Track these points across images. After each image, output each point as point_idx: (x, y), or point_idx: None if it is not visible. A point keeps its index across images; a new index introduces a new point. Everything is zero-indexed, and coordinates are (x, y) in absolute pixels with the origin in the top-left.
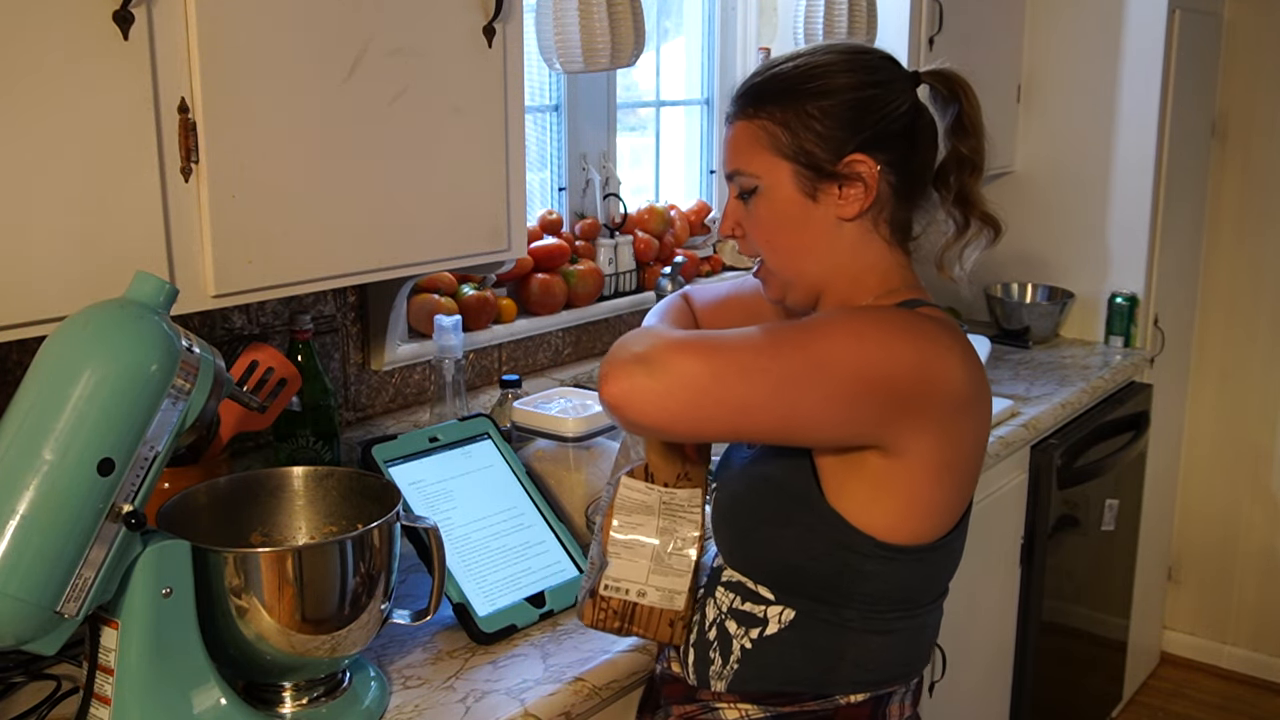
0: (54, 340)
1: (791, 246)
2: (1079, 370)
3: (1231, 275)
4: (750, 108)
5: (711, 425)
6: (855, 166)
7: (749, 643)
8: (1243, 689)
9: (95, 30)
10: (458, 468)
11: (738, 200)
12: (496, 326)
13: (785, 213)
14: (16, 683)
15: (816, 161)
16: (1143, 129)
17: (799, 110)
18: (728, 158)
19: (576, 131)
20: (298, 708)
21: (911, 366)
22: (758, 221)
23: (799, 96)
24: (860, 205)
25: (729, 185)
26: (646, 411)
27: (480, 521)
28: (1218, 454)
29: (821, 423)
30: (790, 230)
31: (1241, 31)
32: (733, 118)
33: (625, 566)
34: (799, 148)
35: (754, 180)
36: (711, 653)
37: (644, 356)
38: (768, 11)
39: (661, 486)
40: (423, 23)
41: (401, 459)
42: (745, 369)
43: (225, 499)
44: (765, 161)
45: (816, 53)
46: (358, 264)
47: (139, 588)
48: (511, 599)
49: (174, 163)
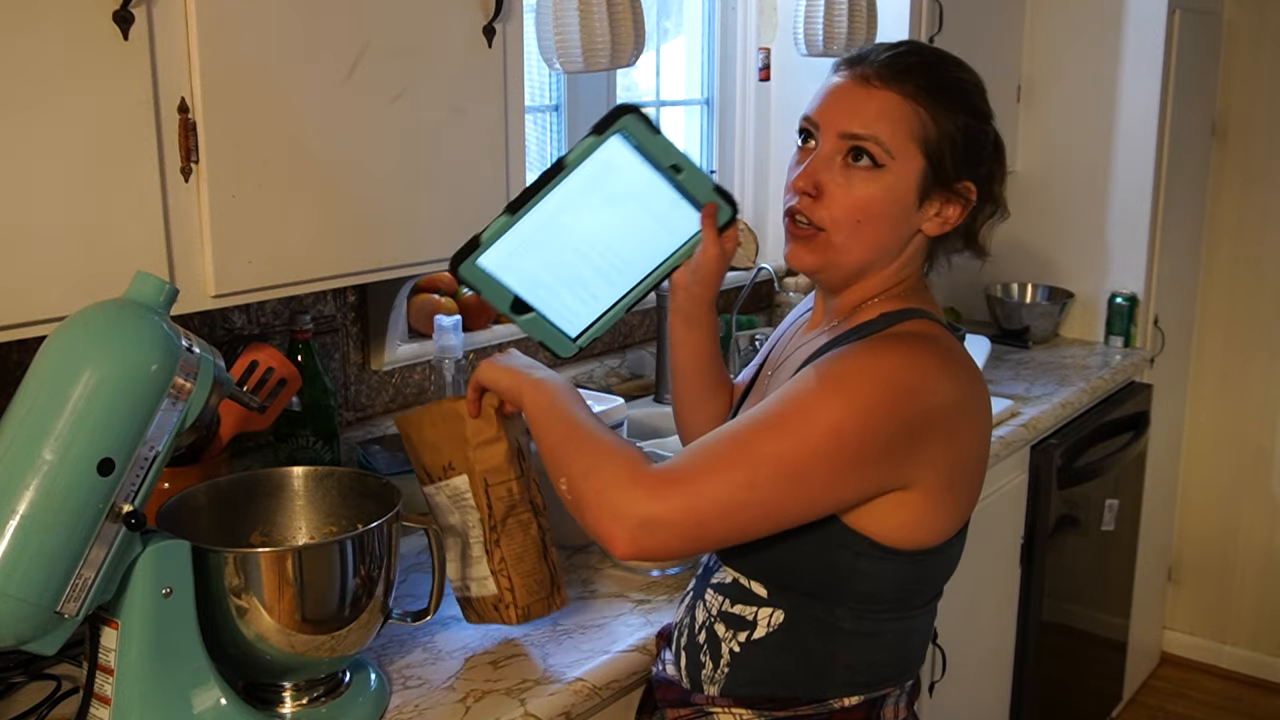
0: (54, 340)
1: (875, 235)
2: (1079, 370)
3: (1231, 275)
4: (909, 85)
5: (732, 542)
6: (965, 192)
7: (737, 646)
8: (1243, 689)
9: (95, 30)
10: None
11: (831, 160)
12: (496, 326)
13: (894, 201)
14: (16, 683)
15: (944, 171)
16: (1143, 129)
17: (952, 115)
18: (865, 119)
19: (576, 131)
20: (298, 708)
21: (897, 411)
22: (855, 193)
23: (957, 103)
24: (947, 228)
25: (822, 140)
26: (667, 557)
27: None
28: (1218, 454)
29: (836, 501)
30: (885, 221)
31: (1241, 31)
32: (882, 82)
33: (452, 567)
34: (939, 150)
35: (885, 155)
36: (702, 656)
37: (644, 520)
38: (768, 11)
39: (437, 482)
40: (423, 23)
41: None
42: (736, 504)
43: (225, 499)
44: (905, 145)
45: (965, 69)
46: (358, 264)
47: (139, 588)
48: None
49: (174, 163)
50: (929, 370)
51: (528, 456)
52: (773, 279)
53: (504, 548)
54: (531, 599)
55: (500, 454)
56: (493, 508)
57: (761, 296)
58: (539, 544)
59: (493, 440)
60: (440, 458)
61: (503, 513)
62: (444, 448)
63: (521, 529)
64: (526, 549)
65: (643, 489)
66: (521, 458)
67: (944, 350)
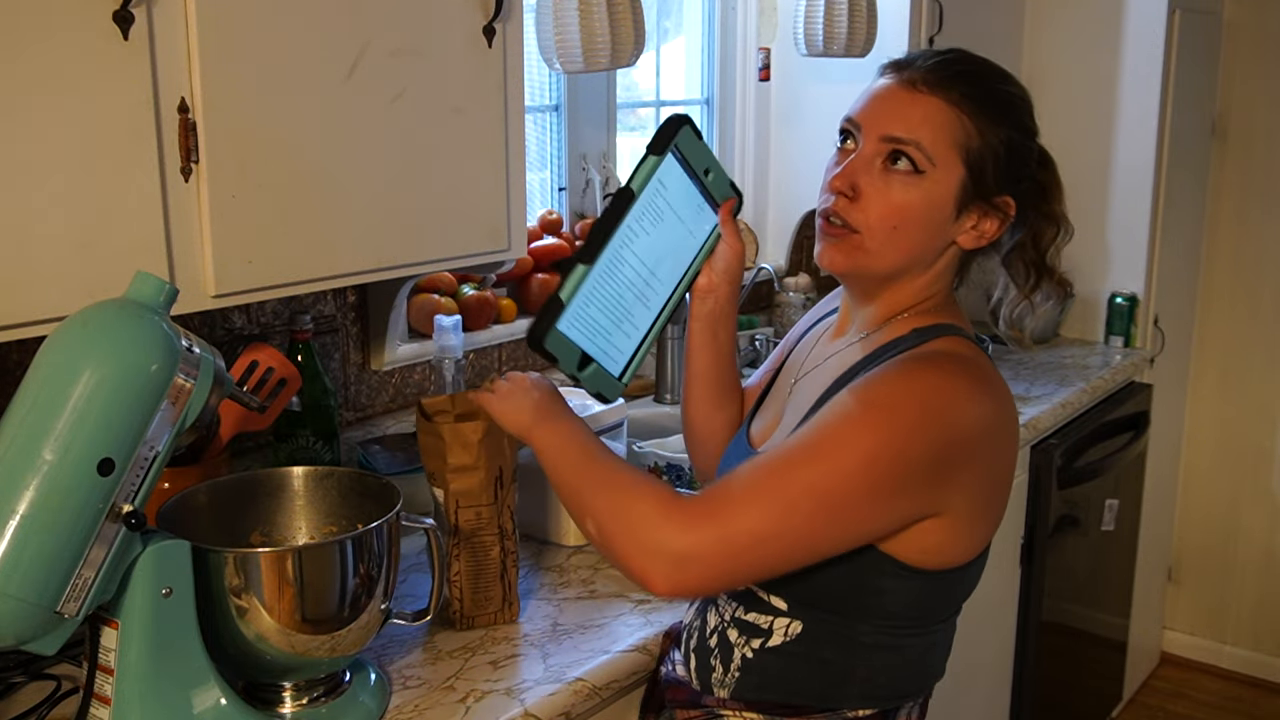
0: (54, 340)
1: (910, 242)
2: (1079, 370)
3: (1231, 275)
4: (955, 92)
5: (768, 575)
6: (1004, 207)
7: (750, 652)
8: (1243, 689)
9: (95, 30)
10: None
11: (870, 163)
12: (496, 326)
13: (931, 209)
14: (16, 683)
15: (984, 183)
16: (1143, 129)
17: (996, 127)
18: (908, 123)
19: (576, 131)
20: (298, 708)
21: (931, 440)
22: (893, 197)
23: (1003, 115)
24: (983, 242)
25: (863, 142)
26: (705, 593)
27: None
28: (1218, 454)
29: (872, 532)
30: (921, 228)
31: (1241, 31)
32: (929, 88)
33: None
34: (981, 161)
35: (926, 161)
36: (712, 660)
37: (680, 556)
38: (768, 11)
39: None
40: (423, 23)
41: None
42: (771, 535)
43: (225, 499)
44: (946, 153)
45: (1012, 82)
46: (358, 264)
47: (139, 588)
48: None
49: (174, 163)
50: (961, 395)
51: (507, 484)
52: (773, 279)
53: (462, 562)
54: (477, 612)
55: (475, 481)
56: (459, 526)
57: (761, 296)
58: (498, 565)
59: (469, 469)
60: (428, 464)
61: (468, 532)
62: (430, 459)
63: (483, 550)
64: (483, 568)
65: (675, 523)
66: (499, 485)
67: (976, 371)
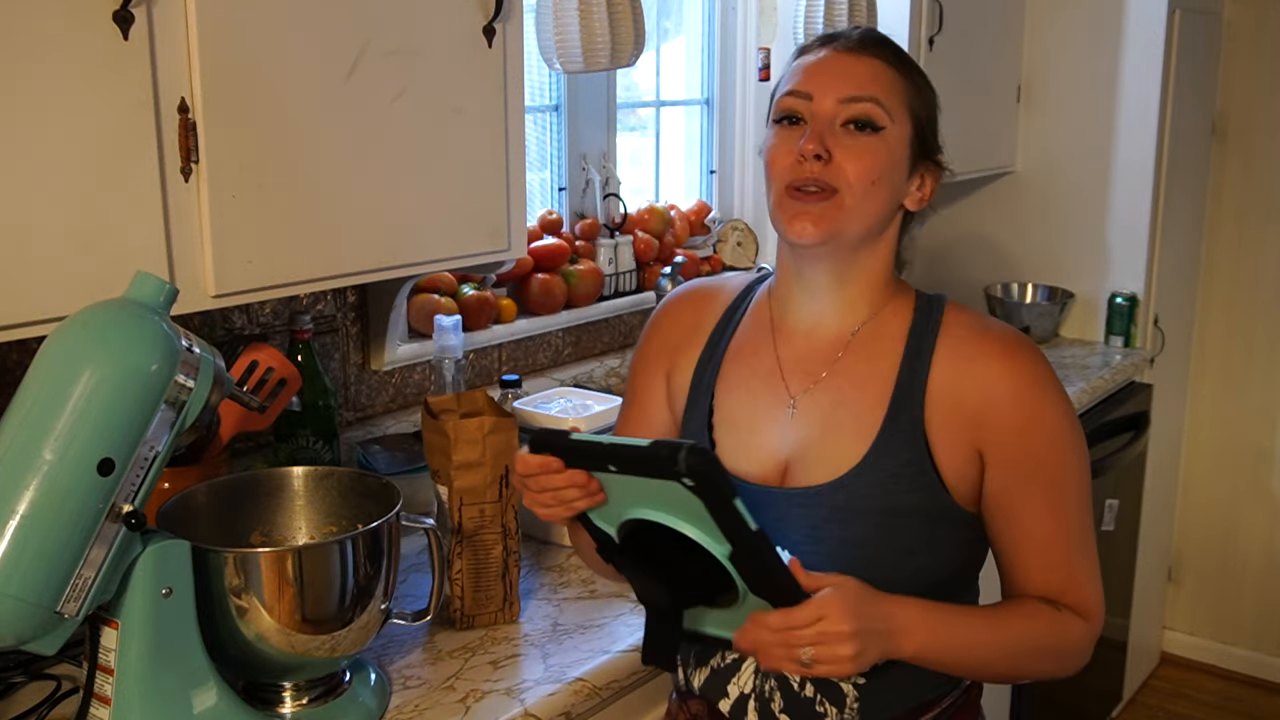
0: (54, 340)
1: (881, 199)
2: (1079, 370)
3: (1232, 275)
4: (893, 57)
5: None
6: (940, 167)
7: (861, 678)
8: (1243, 689)
9: (95, 30)
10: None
11: (832, 125)
12: (496, 326)
13: (895, 165)
14: (16, 683)
15: (926, 141)
16: (1143, 129)
17: (927, 89)
18: (860, 82)
19: (576, 131)
20: (298, 708)
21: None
22: (865, 154)
23: (926, 80)
24: (923, 204)
25: (818, 108)
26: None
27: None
28: (1218, 454)
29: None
30: (889, 185)
31: (1241, 31)
32: (871, 53)
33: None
34: (922, 119)
35: (886, 118)
36: (819, 707)
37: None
38: (768, 11)
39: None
40: (423, 23)
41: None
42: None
43: (225, 499)
44: (899, 109)
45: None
46: (358, 264)
47: (139, 588)
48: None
49: (174, 163)
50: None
51: (512, 484)
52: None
53: (464, 560)
54: (478, 610)
55: (479, 478)
56: (462, 523)
57: None
58: (500, 564)
59: (473, 465)
60: (433, 462)
61: (471, 530)
62: (434, 456)
63: (485, 549)
64: (485, 567)
65: (1088, 636)
66: (504, 484)
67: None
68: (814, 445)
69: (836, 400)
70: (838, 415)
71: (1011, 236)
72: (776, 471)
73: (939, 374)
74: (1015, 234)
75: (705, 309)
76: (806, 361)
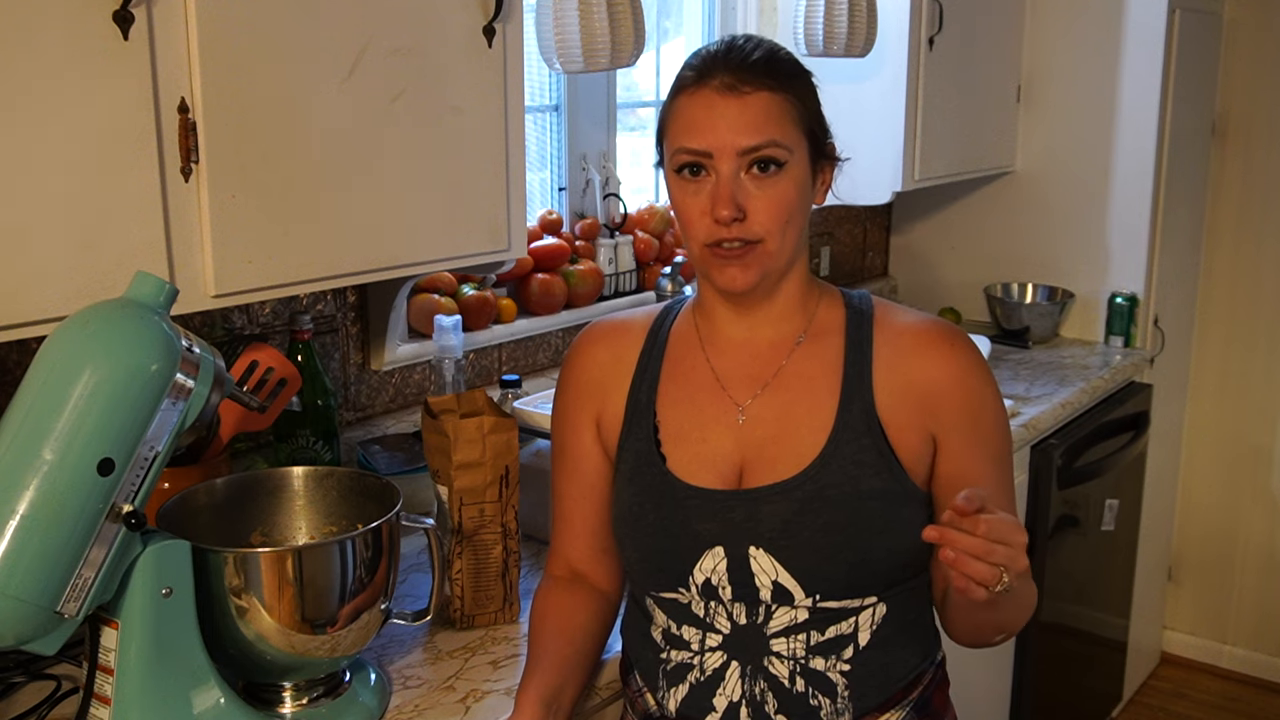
0: (54, 340)
1: (797, 228)
2: (1079, 370)
3: (1232, 275)
4: (772, 79)
5: None
6: (832, 151)
7: (847, 665)
8: (1243, 689)
9: (95, 30)
10: None
11: (737, 178)
12: (496, 326)
13: (801, 189)
14: (16, 683)
15: (818, 140)
16: (1143, 129)
17: (805, 88)
18: (756, 127)
19: (576, 131)
20: (298, 708)
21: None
22: (775, 198)
23: (799, 72)
24: (828, 190)
25: (720, 165)
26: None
27: None
28: (1218, 454)
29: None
30: (801, 211)
31: (1241, 31)
32: (753, 88)
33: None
34: (812, 124)
35: (786, 152)
36: (812, 701)
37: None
38: (768, 11)
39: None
40: (423, 23)
41: None
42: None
43: (225, 499)
44: (794, 134)
45: (769, 42)
46: (358, 264)
47: (139, 588)
48: None
49: (174, 163)
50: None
51: (512, 484)
52: None
53: (464, 560)
54: (478, 610)
55: (479, 478)
56: (462, 523)
57: None
58: (500, 564)
59: (473, 465)
60: (433, 462)
61: (471, 530)
62: (434, 457)
63: (485, 549)
64: (485, 567)
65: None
66: (504, 484)
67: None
68: (770, 445)
69: (788, 400)
70: (793, 413)
71: (1011, 236)
72: (733, 476)
73: (882, 365)
74: (1015, 234)
75: (621, 342)
76: (748, 368)
